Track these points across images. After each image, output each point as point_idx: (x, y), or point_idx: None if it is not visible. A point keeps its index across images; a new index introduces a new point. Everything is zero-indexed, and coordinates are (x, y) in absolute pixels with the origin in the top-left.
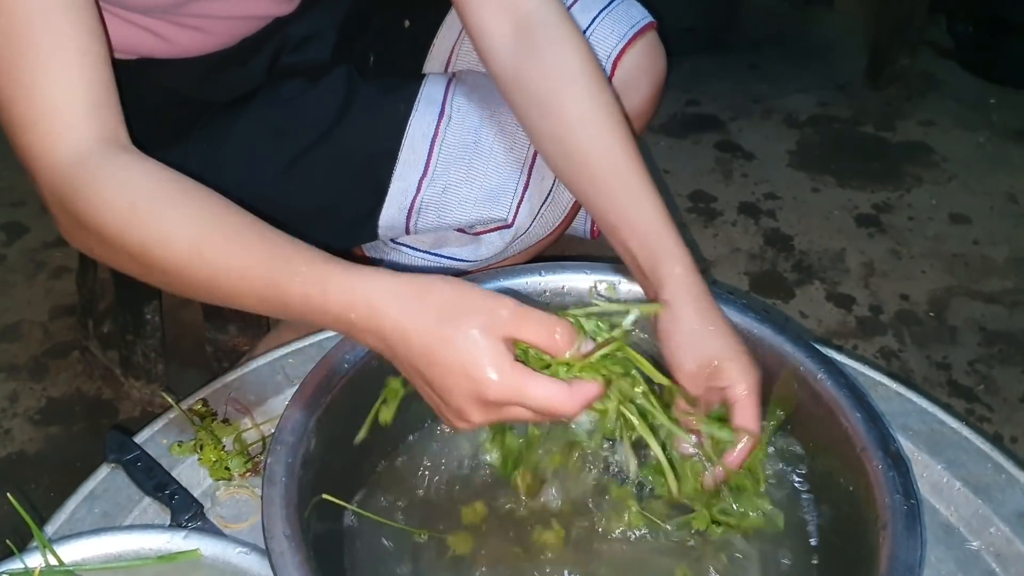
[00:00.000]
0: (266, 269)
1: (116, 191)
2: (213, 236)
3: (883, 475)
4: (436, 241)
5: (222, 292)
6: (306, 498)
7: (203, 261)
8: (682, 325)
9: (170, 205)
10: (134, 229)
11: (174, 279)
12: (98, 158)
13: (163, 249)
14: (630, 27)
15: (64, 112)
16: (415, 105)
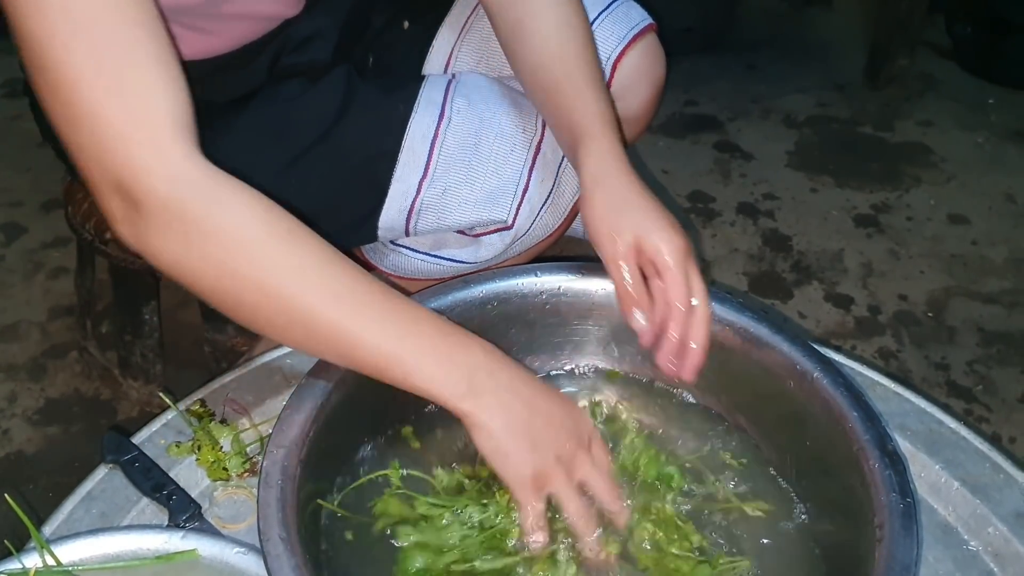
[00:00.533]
0: (393, 345)
1: (240, 214)
2: (349, 304)
3: (880, 474)
4: (436, 243)
5: (333, 354)
6: (302, 500)
7: (330, 326)
8: (598, 205)
9: (298, 236)
10: (259, 259)
11: (278, 316)
12: (205, 177)
13: (288, 280)
14: (629, 29)
15: (167, 125)
16: (415, 106)
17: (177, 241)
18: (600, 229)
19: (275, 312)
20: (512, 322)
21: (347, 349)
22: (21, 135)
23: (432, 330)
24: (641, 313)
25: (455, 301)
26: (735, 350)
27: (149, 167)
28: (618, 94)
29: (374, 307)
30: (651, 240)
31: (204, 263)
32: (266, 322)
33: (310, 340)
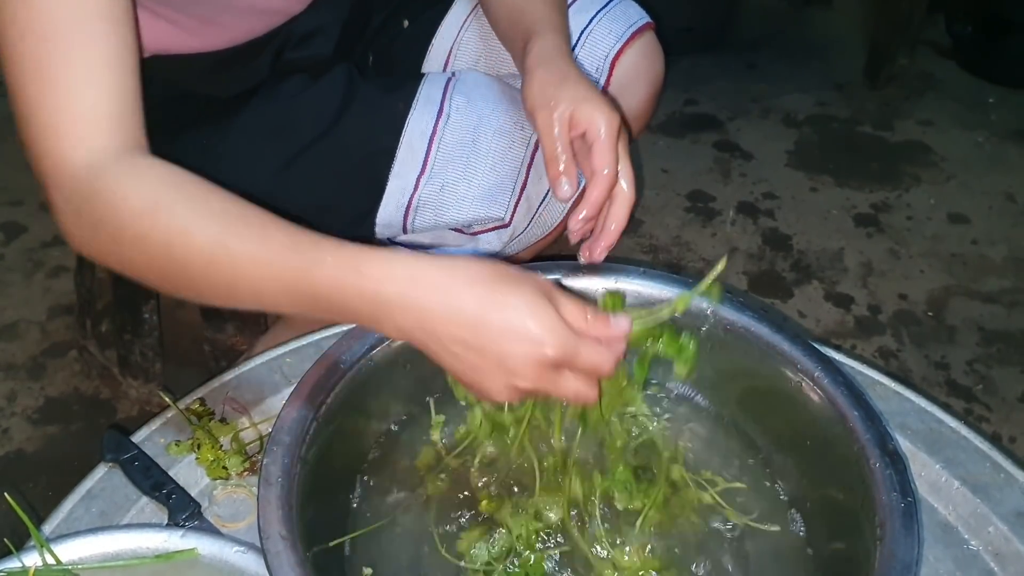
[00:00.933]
0: (294, 256)
1: (138, 191)
2: (237, 228)
3: (880, 473)
4: (433, 240)
5: (246, 285)
6: (302, 499)
7: (227, 253)
8: (537, 81)
9: (193, 203)
10: (158, 227)
11: (197, 275)
12: (119, 163)
13: (186, 244)
14: (627, 27)
15: (89, 118)
16: (414, 104)
17: (90, 226)
18: (537, 100)
19: (180, 280)
20: None
21: (250, 296)
22: None
23: (330, 264)
24: (567, 181)
25: None
26: (734, 349)
27: (66, 155)
28: (616, 92)
29: (258, 255)
30: (585, 110)
31: (117, 237)
32: (184, 288)
33: (218, 295)
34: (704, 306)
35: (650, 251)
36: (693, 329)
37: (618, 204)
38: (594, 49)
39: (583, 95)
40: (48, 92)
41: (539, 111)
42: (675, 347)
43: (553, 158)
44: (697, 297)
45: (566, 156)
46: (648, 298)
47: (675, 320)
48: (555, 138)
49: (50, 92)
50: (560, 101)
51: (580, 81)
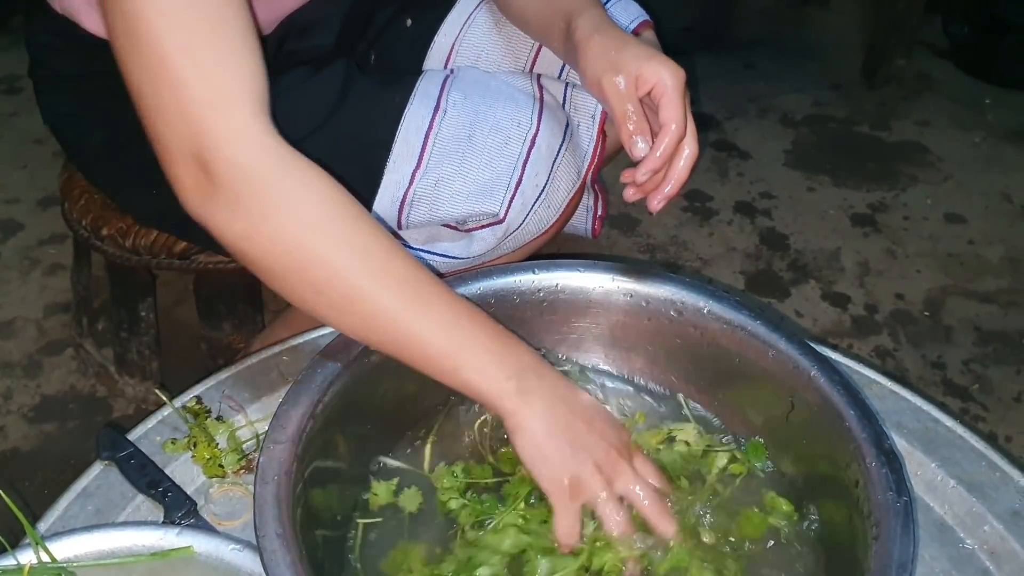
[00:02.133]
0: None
1: (312, 196)
2: (404, 262)
3: (876, 472)
4: (428, 237)
5: (412, 329)
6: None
7: (399, 287)
8: (595, 48)
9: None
10: (326, 238)
11: (362, 304)
12: (283, 156)
13: (357, 264)
14: (627, 24)
15: (246, 95)
16: (411, 98)
17: (248, 214)
18: (600, 66)
19: (335, 293)
20: (509, 320)
21: (401, 337)
22: (18, 132)
23: (484, 327)
24: (642, 139)
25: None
26: (732, 348)
27: (230, 138)
28: None
29: (431, 298)
30: (652, 68)
31: (273, 238)
32: (326, 303)
33: (365, 325)
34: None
35: (647, 250)
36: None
37: (682, 158)
38: None
39: (646, 54)
40: (202, 68)
41: (604, 75)
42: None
43: (624, 118)
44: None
45: (637, 115)
46: (644, 296)
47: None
48: (624, 98)
49: (204, 68)
50: (625, 62)
51: (638, 42)
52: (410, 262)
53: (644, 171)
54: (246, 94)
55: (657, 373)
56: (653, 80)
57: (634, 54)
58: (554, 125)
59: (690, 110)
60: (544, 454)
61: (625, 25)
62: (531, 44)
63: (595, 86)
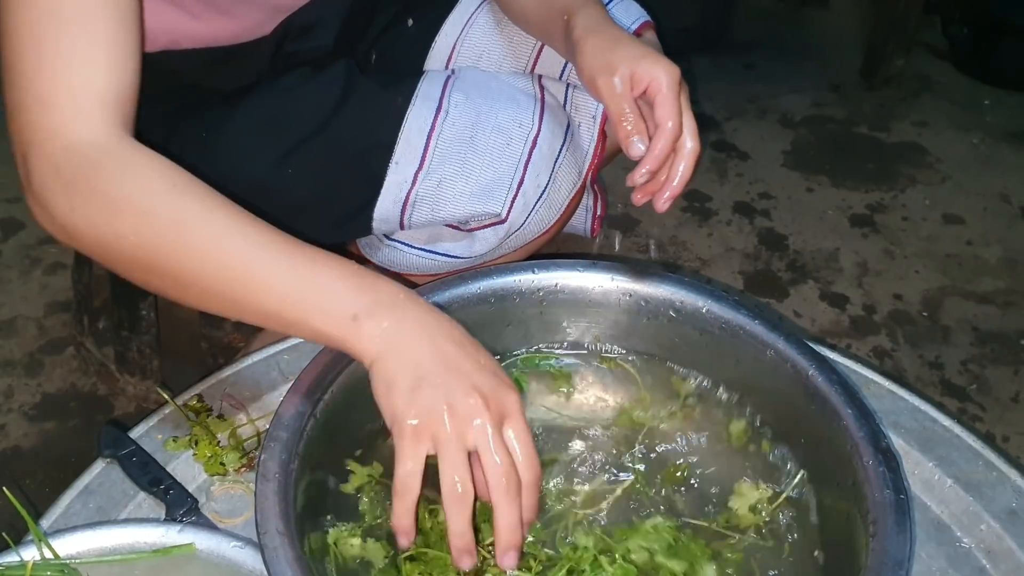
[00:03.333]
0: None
1: (154, 171)
2: (251, 221)
3: (873, 471)
4: (430, 237)
5: (254, 277)
6: (300, 494)
7: (244, 238)
8: (590, 48)
9: (210, 192)
10: (172, 203)
11: (206, 262)
12: (123, 143)
13: (202, 223)
14: (628, 25)
15: (89, 94)
16: (413, 99)
17: (60, 208)
18: (595, 66)
19: (163, 264)
20: (508, 319)
21: (241, 292)
22: None
23: (332, 266)
24: (639, 139)
25: (452, 297)
26: (730, 348)
27: (63, 130)
28: None
29: (271, 247)
30: (645, 67)
31: (87, 228)
32: (158, 279)
33: (200, 289)
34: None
35: (646, 250)
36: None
37: (682, 156)
38: None
39: (639, 53)
40: (46, 63)
41: (599, 76)
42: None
43: (620, 118)
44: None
45: (633, 115)
46: (643, 296)
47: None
48: (619, 98)
49: (48, 64)
50: (619, 62)
51: (633, 41)
52: (247, 217)
53: (642, 172)
54: (90, 92)
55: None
56: (647, 79)
57: (627, 54)
58: (555, 126)
59: (689, 107)
60: (388, 380)
61: (626, 27)
62: (533, 44)
63: (591, 86)
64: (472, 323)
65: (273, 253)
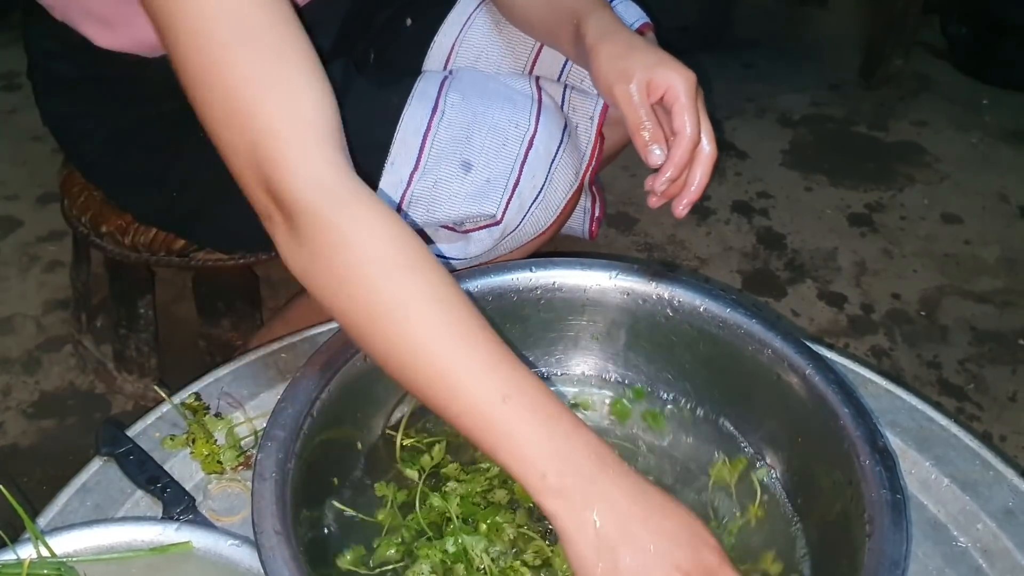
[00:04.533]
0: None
1: (387, 239)
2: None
3: (870, 470)
4: (425, 239)
5: (459, 391)
6: (297, 493)
7: (461, 343)
8: (605, 55)
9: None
10: (400, 283)
11: (418, 357)
12: (353, 192)
13: (424, 315)
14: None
15: (313, 124)
16: (409, 99)
17: (306, 248)
18: (611, 74)
19: (382, 338)
20: (506, 318)
21: (444, 393)
22: (17, 129)
23: (540, 401)
24: (659, 147)
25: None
26: (727, 346)
27: (295, 167)
28: None
29: (483, 356)
30: (661, 74)
31: (326, 275)
32: (371, 346)
33: (410, 374)
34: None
35: (645, 249)
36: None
37: (700, 162)
38: None
39: (655, 60)
40: (265, 97)
41: (616, 84)
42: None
43: (638, 126)
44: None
45: (651, 123)
46: (641, 294)
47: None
48: (637, 106)
49: (267, 97)
50: (634, 70)
51: (648, 48)
52: (468, 312)
53: (663, 180)
54: (311, 120)
55: (653, 371)
56: (664, 86)
57: (643, 61)
58: (552, 127)
59: (705, 111)
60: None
61: None
62: (531, 45)
63: (608, 94)
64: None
65: (484, 369)
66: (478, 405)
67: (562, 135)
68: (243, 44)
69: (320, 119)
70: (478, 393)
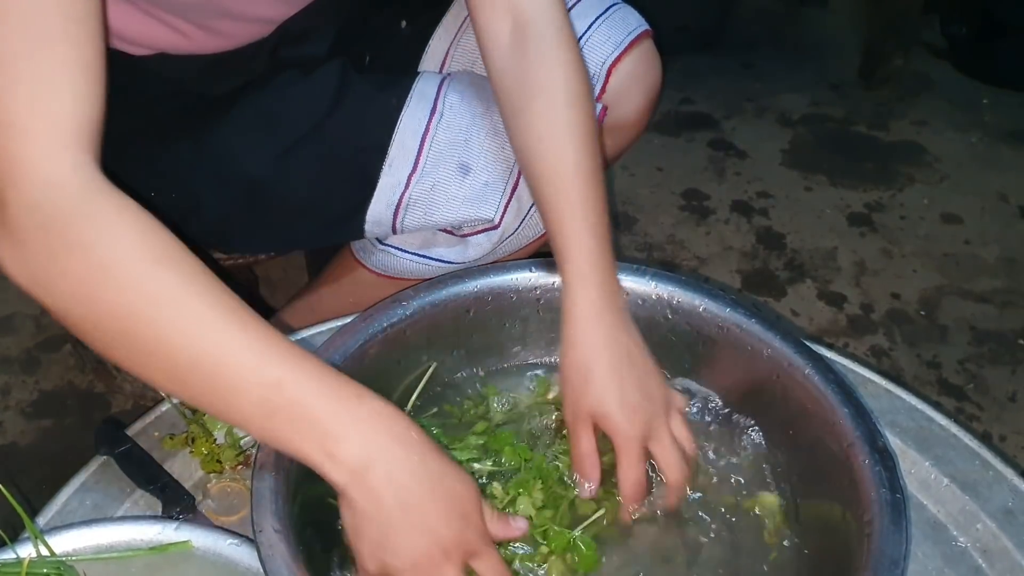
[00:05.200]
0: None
1: (137, 236)
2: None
3: (870, 470)
4: (424, 242)
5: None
6: (296, 492)
7: (222, 331)
8: (565, 363)
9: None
10: (154, 279)
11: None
12: (100, 188)
13: (181, 306)
14: (626, 35)
15: (59, 121)
16: (407, 101)
17: (36, 253)
18: (565, 391)
19: (135, 342)
20: (506, 317)
21: (223, 384)
22: None
23: (311, 375)
24: (590, 484)
25: (449, 295)
26: (727, 346)
27: (26, 166)
28: (612, 101)
29: (255, 335)
30: (609, 424)
31: (62, 281)
32: (125, 354)
33: (171, 375)
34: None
35: (644, 249)
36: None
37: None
38: (591, 55)
39: (605, 405)
40: (14, 87)
41: (566, 409)
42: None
43: (579, 464)
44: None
45: (591, 460)
46: (640, 294)
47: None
48: (581, 442)
49: (16, 87)
50: (585, 407)
51: (606, 381)
52: (226, 300)
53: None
54: (58, 122)
55: None
56: (610, 434)
57: (597, 400)
58: None
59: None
60: (358, 536)
61: (624, 37)
62: None
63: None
64: (471, 321)
65: (261, 348)
66: (261, 383)
67: None
68: (3, 30)
69: (67, 120)
70: (258, 371)
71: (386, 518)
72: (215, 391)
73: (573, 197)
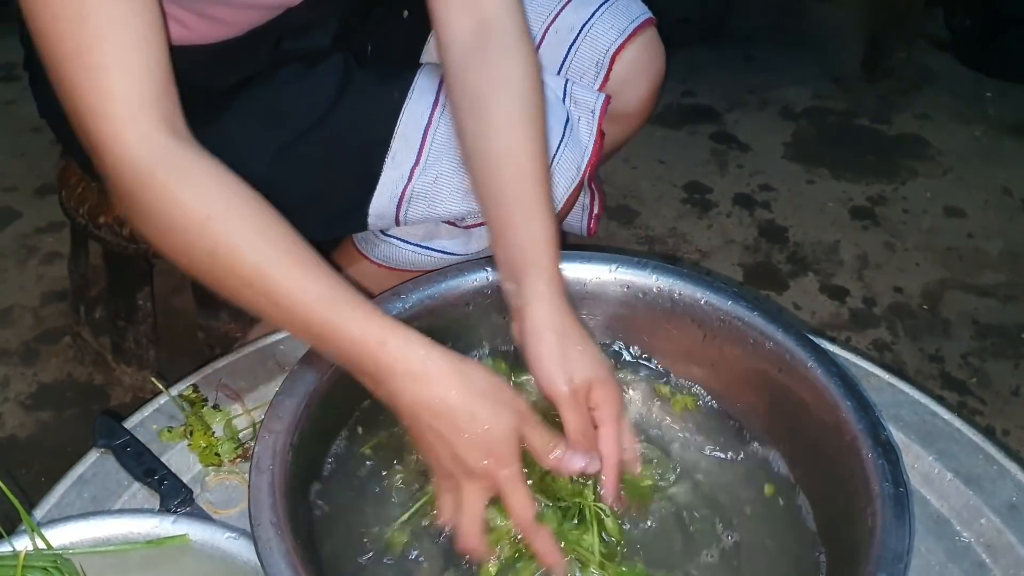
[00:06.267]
0: (329, 310)
1: (191, 197)
2: (285, 263)
3: (873, 464)
4: (427, 234)
5: (277, 315)
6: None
7: (267, 284)
8: (546, 351)
9: (244, 221)
10: (206, 239)
11: (234, 292)
12: (170, 156)
13: (231, 263)
14: (629, 23)
15: (130, 100)
16: (409, 93)
17: (140, 209)
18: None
19: (233, 280)
20: (506, 311)
21: (278, 317)
22: (15, 120)
23: (367, 303)
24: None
25: (449, 288)
26: (730, 341)
27: (113, 138)
28: (616, 89)
29: (310, 281)
30: (600, 393)
31: (165, 232)
32: (225, 289)
33: (267, 307)
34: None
35: (646, 242)
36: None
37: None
38: (595, 44)
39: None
40: (86, 74)
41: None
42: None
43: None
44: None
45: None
46: (641, 287)
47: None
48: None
49: (88, 74)
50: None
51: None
52: (303, 248)
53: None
54: (129, 95)
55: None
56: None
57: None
58: (552, 121)
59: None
60: (420, 442)
61: (627, 26)
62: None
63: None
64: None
65: (316, 275)
66: (322, 299)
67: (563, 130)
68: (69, 18)
69: (137, 92)
70: (316, 292)
71: (454, 413)
72: (281, 325)
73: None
